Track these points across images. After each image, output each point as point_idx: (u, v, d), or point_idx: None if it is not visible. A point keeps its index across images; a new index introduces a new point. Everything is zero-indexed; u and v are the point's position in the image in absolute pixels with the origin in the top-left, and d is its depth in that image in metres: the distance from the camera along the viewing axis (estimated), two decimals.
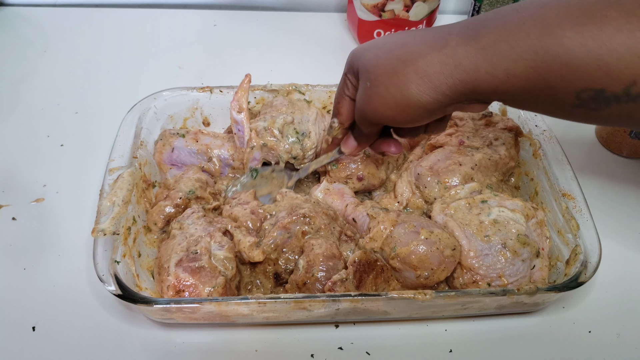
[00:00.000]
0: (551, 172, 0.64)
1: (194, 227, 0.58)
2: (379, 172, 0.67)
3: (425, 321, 0.58)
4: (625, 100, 0.40)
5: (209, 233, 0.57)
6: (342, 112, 0.56)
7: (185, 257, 0.54)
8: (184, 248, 0.56)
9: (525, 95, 0.43)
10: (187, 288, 0.52)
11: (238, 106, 0.66)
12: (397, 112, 0.48)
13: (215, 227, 0.59)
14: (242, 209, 0.61)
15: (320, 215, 0.60)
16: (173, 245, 0.56)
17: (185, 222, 0.60)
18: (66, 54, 0.92)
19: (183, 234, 0.58)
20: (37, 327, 0.56)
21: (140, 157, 0.65)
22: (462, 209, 0.59)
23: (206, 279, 0.53)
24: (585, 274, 0.53)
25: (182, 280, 0.53)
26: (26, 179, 0.71)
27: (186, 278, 0.53)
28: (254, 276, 0.59)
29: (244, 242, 0.57)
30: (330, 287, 0.52)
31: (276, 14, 1.04)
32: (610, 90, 0.39)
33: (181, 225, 0.59)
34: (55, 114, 0.81)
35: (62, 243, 0.64)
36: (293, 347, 0.56)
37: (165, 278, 0.53)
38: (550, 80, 0.41)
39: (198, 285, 0.52)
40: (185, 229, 0.59)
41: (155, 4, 1.04)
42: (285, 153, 0.67)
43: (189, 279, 0.53)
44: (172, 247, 0.56)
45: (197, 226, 0.59)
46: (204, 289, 0.52)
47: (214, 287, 0.53)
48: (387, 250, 0.56)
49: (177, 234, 0.58)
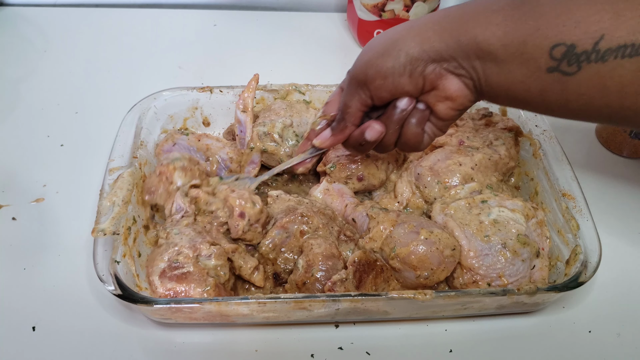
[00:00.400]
0: (551, 172, 0.64)
1: (180, 237, 0.56)
2: (379, 172, 0.67)
3: (425, 321, 0.58)
4: (595, 59, 0.40)
5: (194, 245, 0.55)
6: (329, 107, 0.57)
7: (168, 267, 0.54)
8: (165, 259, 0.54)
9: (502, 54, 0.44)
10: (179, 295, 0.52)
11: (243, 105, 0.66)
12: (383, 57, 0.49)
13: (204, 239, 0.56)
14: (237, 195, 0.61)
15: (318, 215, 0.60)
16: (155, 257, 0.55)
17: (172, 230, 0.58)
18: (66, 54, 0.92)
19: (167, 244, 0.56)
20: (37, 327, 0.56)
21: (140, 157, 0.65)
22: (462, 209, 0.59)
23: (195, 282, 0.53)
24: (585, 274, 0.53)
25: (170, 289, 0.52)
26: (26, 179, 0.71)
27: (174, 286, 0.52)
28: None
29: (245, 269, 0.57)
30: (330, 287, 0.52)
31: (276, 14, 1.04)
32: (581, 47, 0.40)
33: (167, 234, 0.58)
34: (55, 114, 0.81)
35: (62, 243, 0.64)
36: (293, 347, 0.56)
37: (155, 291, 0.53)
38: (525, 33, 0.42)
39: (189, 291, 0.52)
40: (171, 238, 0.57)
41: (155, 4, 1.04)
42: (286, 157, 0.67)
43: (177, 286, 0.52)
44: (155, 259, 0.55)
45: (183, 236, 0.57)
46: (196, 291, 0.52)
47: (205, 289, 0.52)
48: (387, 250, 0.56)
49: (163, 243, 0.57)
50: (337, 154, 0.66)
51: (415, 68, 0.48)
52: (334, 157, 0.66)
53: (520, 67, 0.44)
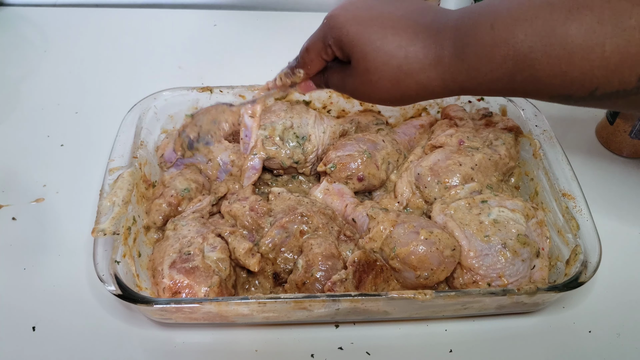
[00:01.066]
0: (551, 172, 0.64)
1: (187, 229, 0.58)
2: (379, 173, 0.67)
3: (425, 321, 0.58)
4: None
5: (202, 235, 0.57)
6: (310, 67, 0.55)
7: (179, 259, 0.55)
8: (177, 249, 0.56)
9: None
10: (183, 289, 0.53)
11: (251, 110, 0.67)
12: (391, 102, 0.50)
13: (209, 229, 0.59)
14: (240, 205, 0.61)
15: (318, 214, 0.60)
16: (166, 247, 0.56)
17: (179, 223, 0.60)
18: (66, 54, 0.92)
19: (176, 235, 0.58)
20: (37, 327, 0.57)
21: (140, 157, 0.65)
22: (462, 209, 0.59)
23: (201, 278, 0.53)
24: (585, 274, 0.53)
25: (177, 282, 0.53)
26: (26, 179, 0.71)
27: (181, 279, 0.53)
28: (253, 276, 0.59)
29: (238, 249, 0.57)
30: (329, 287, 0.52)
31: (276, 14, 1.04)
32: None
33: (175, 226, 0.59)
34: (55, 114, 0.81)
35: (62, 243, 0.64)
36: (293, 347, 0.56)
37: (160, 280, 0.53)
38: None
39: (194, 286, 0.53)
40: (179, 230, 0.59)
41: (155, 4, 1.04)
42: (287, 159, 0.67)
43: (184, 279, 0.53)
44: (165, 249, 0.56)
45: (190, 227, 0.59)
46: (200, 288, 0.52)
47: (209, 287, 0.53)
48: (387, 250, 0.56)
49: (171, 235, 0.58)
50: (338, 154, 0.66)
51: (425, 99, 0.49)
52: (334, 157, 0.66)
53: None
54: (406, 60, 0.47)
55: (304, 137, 0.68)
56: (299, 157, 0.67)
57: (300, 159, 0.67)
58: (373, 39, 0.48)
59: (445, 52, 0.45)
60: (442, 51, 0.45)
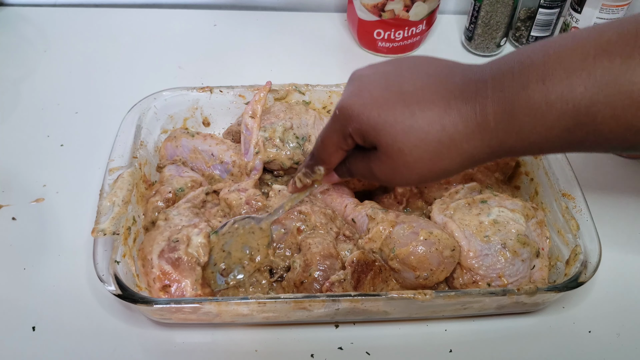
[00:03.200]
0: (551, 172, 0.64)
1: (179, 218, 0.59)
2: None
3: (425, 321, 0.58)
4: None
5: (194, 224, 0.58)
6: (331, 161, 0.52)
7: (167, 247, 0.55)
8: (166, 237, 0.56)
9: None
10: (173, 281, 0.53)
11: (252, 111, 0.67)
12: (432, 179, 0.47)
13: (201, 219, 0.59)
14: (237, 196, 0.61)
15: (317, 214, 0.60)
16: (156, 236, 0.57)
17: (171, 212, 0.60)
18: (66, 54, 0.92)
19: (167, 224, 0.58)
20: (37, 327, 0.57)
21: (140, 157, 0.65)
22: (461, 209, 0.59)
23: (185, 271, 0.54)
24: (585, 274, 0.53)
25: (166, 272, 0.53)
26: (26, 179, 0.71)
27: (169, 270, 0.54)
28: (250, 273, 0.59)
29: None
30: (328, 288, 0.52)
31: (276, 14, 1.03)
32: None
33: (167, 216, 0.59)
34: (55, 114, 0.81)
35: (62, 243, 0.64)
36: (293, 347, 0.56)
37: (150, 270, 0.54)
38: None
39: (181, 279, 0.53)
40: (171, 219, 0.59)
41: (155, 4, 1.04)
42: (288, 160, 0.67)
43: (172, 271, 0.54)
44: (155, 238, 0.56)
45: (182, 217, 0.59)
46: (185, 280, 0.53)
47: (196, 279, 0.53)
48: (386, 251, 0.56)
49: (162, 225, 0.58)
50: None
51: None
52: None
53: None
54: (445, 133, 0.42)
55: (304, 137, 0.68)
56: (299, 157, 0.67)
57: (301, 159, 0.67)
58: (400, 120, 0.43)
59: (490, 116, 0.41)
60: (485, 116, 0.41)
